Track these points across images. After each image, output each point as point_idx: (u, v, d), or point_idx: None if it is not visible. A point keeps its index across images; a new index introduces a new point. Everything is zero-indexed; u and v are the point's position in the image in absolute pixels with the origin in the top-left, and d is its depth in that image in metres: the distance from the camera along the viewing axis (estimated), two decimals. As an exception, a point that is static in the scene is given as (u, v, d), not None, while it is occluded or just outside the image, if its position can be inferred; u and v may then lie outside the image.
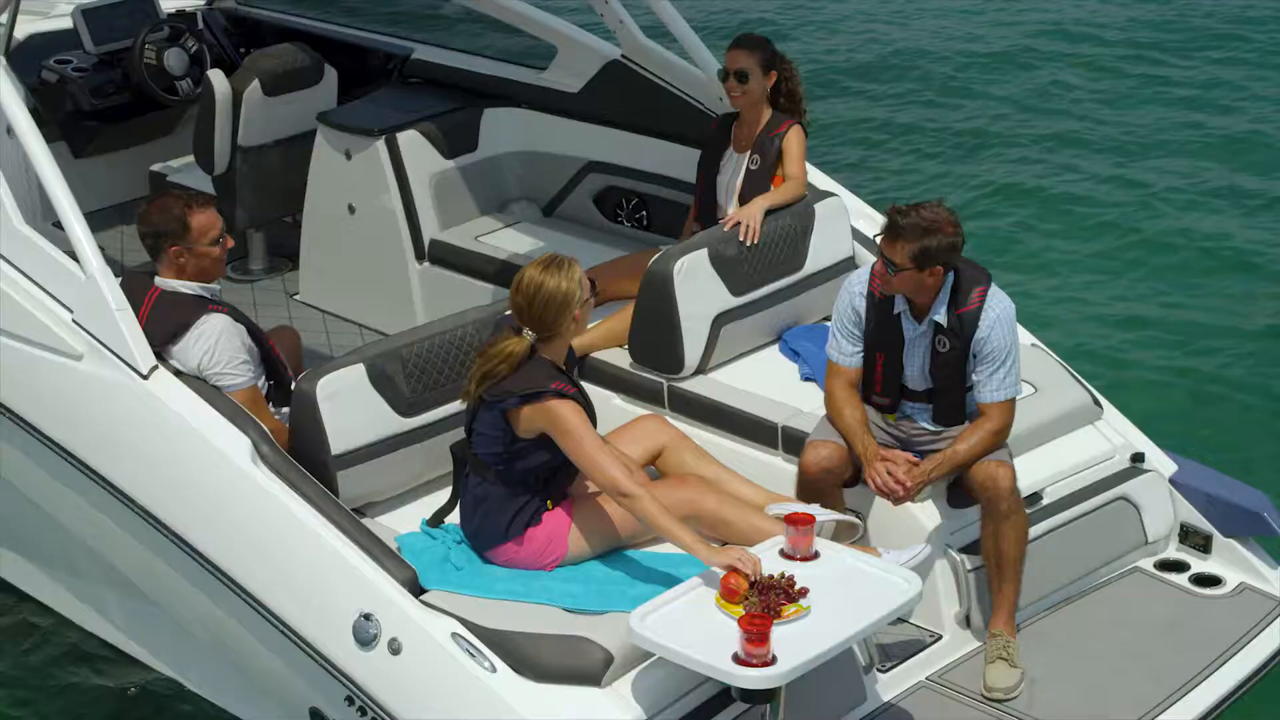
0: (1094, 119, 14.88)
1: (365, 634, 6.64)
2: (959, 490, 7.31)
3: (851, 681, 7.00)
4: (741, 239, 8.20)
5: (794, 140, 8.51)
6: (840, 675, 6.94)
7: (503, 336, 6.73)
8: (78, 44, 10.76)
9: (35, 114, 10.37)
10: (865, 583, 6.61)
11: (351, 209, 9.77)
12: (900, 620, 7.43)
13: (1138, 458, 7.96)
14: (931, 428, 7.35)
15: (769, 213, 8.31)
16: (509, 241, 9.57)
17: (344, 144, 9.72)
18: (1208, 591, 7.76)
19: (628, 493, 6.56)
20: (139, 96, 10.74)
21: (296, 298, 10.18)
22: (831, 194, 8.68)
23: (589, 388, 8.21)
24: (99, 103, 10.69)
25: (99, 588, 8.05)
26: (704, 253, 8.11)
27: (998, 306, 7.12)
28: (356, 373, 7.13)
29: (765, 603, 6.35)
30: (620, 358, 8.29)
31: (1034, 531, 7.53)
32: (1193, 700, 7.11)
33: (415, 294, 9.60)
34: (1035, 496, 7.64)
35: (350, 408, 7.10)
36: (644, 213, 9.70)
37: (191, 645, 7.65)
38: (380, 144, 9.58)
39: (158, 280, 7.31)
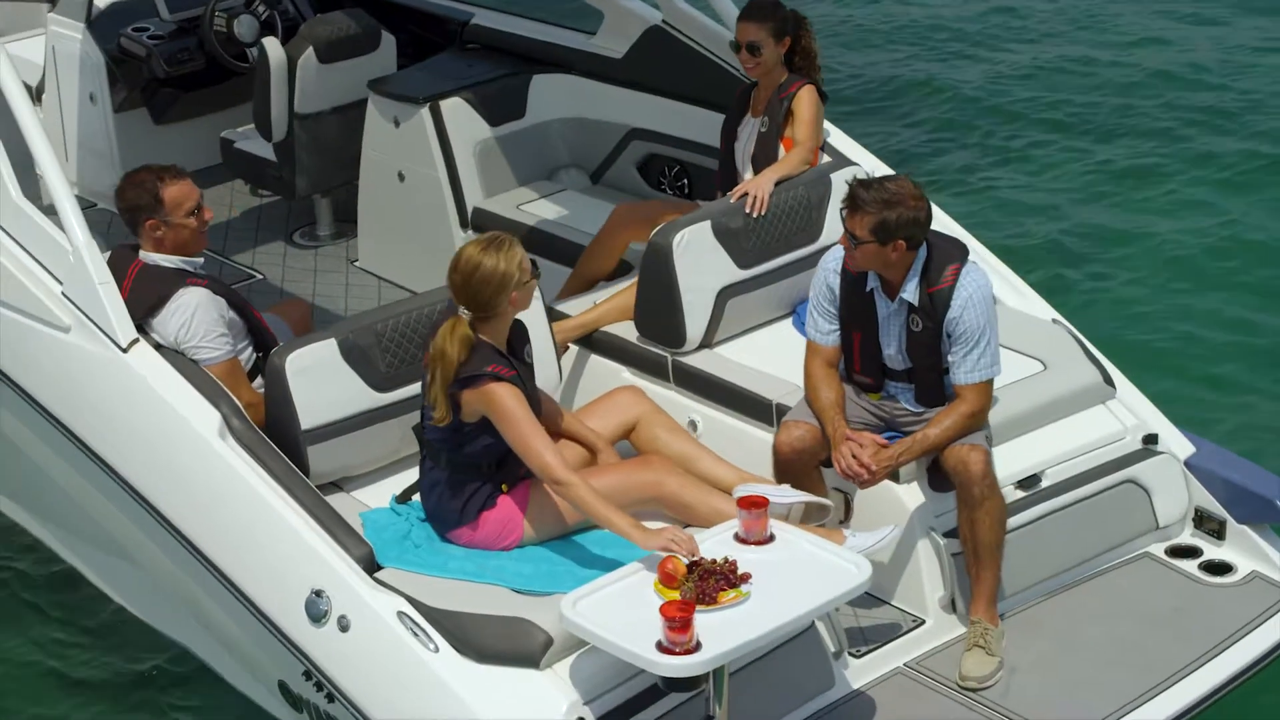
0: (1160, 103, 14.35)
1: (316, 610, 6.67)
2: (940, 474, 7.11)
3: (818, 667, 6.85)
4: (748, 210, 8.05)
5: (805, 102, 8.32)
6: (805, 660, 6.82)
7: (441, 329, 6.66)
8: (155, 12, 10.89)
9: (112, 80, 10.71)
10: (814, 568, 6.47)
11: (401, 176, 9.79)
12: (882, 602, 7.30)
13: (1150, 439, 7.68)
14: (914, 408, 7.16)
15: (780, 183, 8.15)
16: (549, 210, 9.52)
17: (392, 111, 9.74)
18: (1216, 579, 7.49)
19: (560, 480, 6.49)
20: (212, 64, 10.84)
21: (356, 264, 10.23)
22: (852, 163, 8.48)
23: (599, 360, 8.25)
24: (173, 70, 10.80)
25: (103, 553, 8.18)
26: (706, 225, 7.97)
27: (970, 285, 6.90)
28: (328, 348, 7.13)
29: (701, 588, 6.25)
30: (629, 331, 8.20)
31: (1032, 514, 7.37)
32: (1177, 693, 6.90)
33: None
34: (1035, 478, 7.44)
35: (321, 383, 7.10)
36: (685, 180, 9.58)
37: (184, 615, 7.75)
38: (425, 111, 9.58)
39: (141, 254, 7.38)
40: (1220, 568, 7.53)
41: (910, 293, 6.91)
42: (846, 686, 6.92)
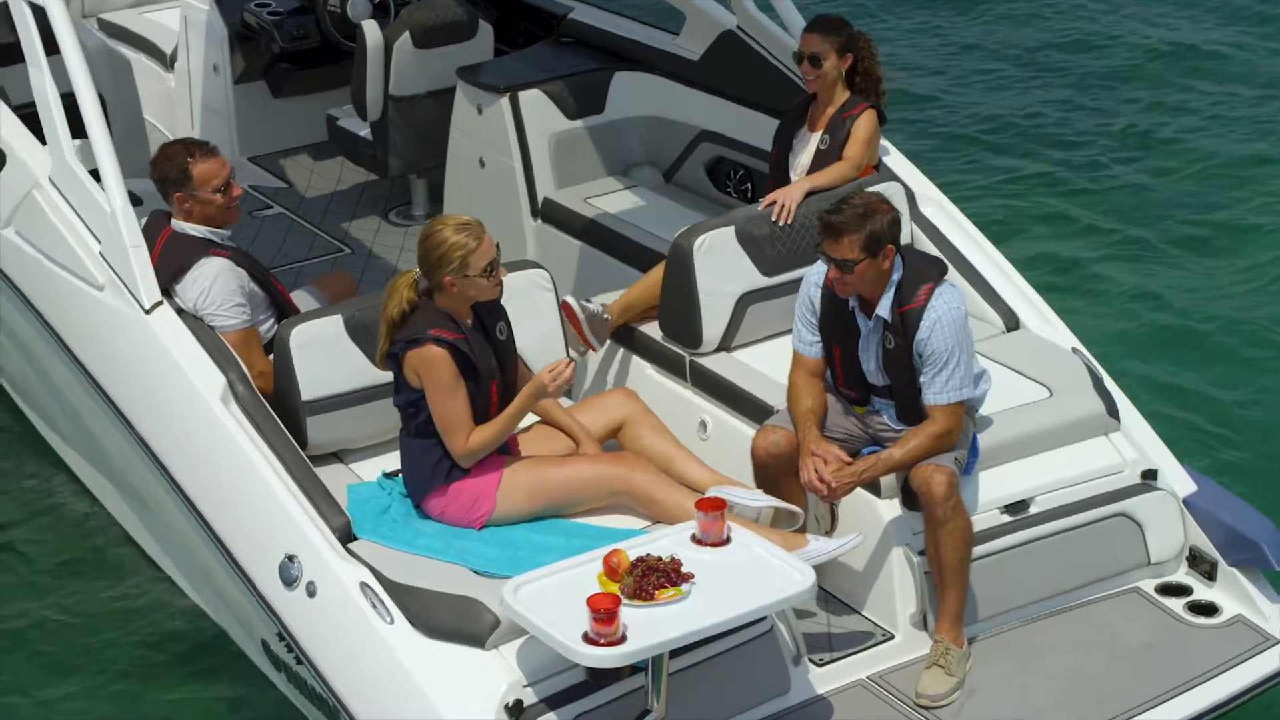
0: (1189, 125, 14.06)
1: (288, 575, 6.94)
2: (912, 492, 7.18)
3: (774, 671, 6.94)
4: (774, 218, 8.15)
5: (863, 123, 8.41)
6: (762, 663, 6.91)
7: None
8: None
9: (234, 52, 11.11)
10: (759, 573, 6.57)
11: (482, 163, 10.03)
12: (854, 612, 7.38)
13: (1150, 474, 7.64)
14: (895, 425, 7.22)
15: (812, 193, 8.24)
16: (615, 204, 9.67)
17: (476, 99, 9.99)
18: (1199, 620, 7.43)
19: (459, 452, 6.88)
20: (328, 42, 11.17)
21: None
22: (893, 178, 8.52)
23: (627, 355, 8.41)
24: (290, 46, 11.16)
25: (133, 501, 8.57)
26: (730, 230, 8.10)
27: (941, 307, 6.94)
28: (334, 324, 7.39)
29: (640, 584, 6.39)
30: (654, 329, 8.35)
31: (1017, 540, 7.40)
32: (1128, 729, 6.89)
33: (530, 251, 9.80)
34: (1023, 504, 7.45)
35: (324, 357, 7.36)
36: (749, 185, 9.69)
37: (189, 568, 8.09)
38: (504, 101, 9.80)
39: (172, 222, 7.70)
40: (1206, 608, 7.47)
41: (885, 310, 6.98)
42: (803, 694, 7.00)
